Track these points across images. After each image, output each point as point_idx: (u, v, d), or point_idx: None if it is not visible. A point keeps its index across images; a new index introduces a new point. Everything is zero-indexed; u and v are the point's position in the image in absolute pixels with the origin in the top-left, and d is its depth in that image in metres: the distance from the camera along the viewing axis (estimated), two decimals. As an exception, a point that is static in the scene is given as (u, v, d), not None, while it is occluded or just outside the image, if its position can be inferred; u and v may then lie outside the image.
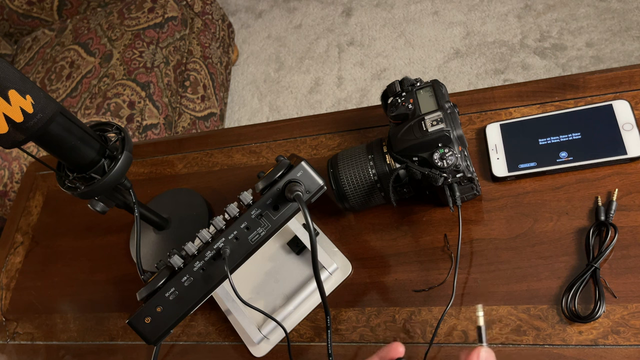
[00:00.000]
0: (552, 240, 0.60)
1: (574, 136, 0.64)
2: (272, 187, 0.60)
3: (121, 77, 1.50)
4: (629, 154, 0.60)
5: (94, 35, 1.65)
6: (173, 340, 0.72)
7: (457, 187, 0.60)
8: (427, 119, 0.59)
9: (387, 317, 0.63)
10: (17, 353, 0.81)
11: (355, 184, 0.64)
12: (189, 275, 0.60)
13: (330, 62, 1.95)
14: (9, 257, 0.91)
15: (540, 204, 0.63)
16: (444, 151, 0.58)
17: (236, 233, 0.60)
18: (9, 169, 1.39)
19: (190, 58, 1.71)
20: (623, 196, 0.60)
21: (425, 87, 0.63)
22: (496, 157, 0.66)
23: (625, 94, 0.66)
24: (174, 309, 0.60)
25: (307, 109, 1.88)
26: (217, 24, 1.90)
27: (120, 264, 0.81)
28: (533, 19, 1.71)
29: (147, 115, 1.47)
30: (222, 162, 0.85)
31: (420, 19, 1.90)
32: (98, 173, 0.60)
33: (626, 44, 1.56)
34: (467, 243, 0.64)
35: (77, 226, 0.89)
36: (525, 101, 0.70)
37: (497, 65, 1.68)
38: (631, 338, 0.53)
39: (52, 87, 1.59)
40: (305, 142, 0.81)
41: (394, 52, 1.87)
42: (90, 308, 0.80)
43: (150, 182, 0.88)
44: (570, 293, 0.56)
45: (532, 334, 0.57)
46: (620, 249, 0.57)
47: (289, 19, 2.13)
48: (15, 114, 0.49)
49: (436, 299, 0.62)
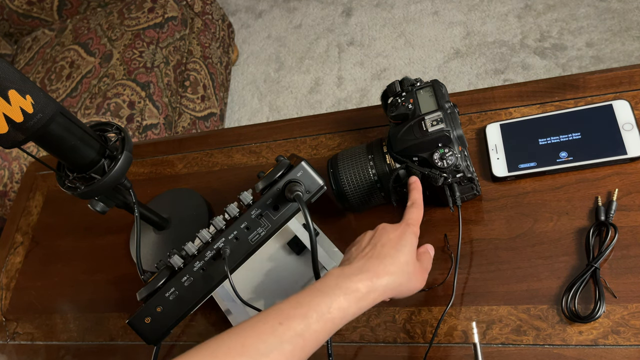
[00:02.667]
0: (552, 240, 0.60)
1: (574, 136, 0.64)
2: (272, 187, 0.60)
3: (121, 77, 1.50)
4: (629, 154, 0.60)
5: (94, 35, 1.65)
6: (173, 340, 0.72)
7: (457, 187, 0.60)
8: (427, 119, 0.59)
9: (387, 317, 0.63)
10: (17, 353, 0.81)
11: (355, 184, 0.64)
12: (189, 275, 0.60)
13: (330, 62, 1.95)
14: (9, 257, 0.91)
15: (540, 204, 0.63)
16: (444, 151, 0.58)
17: (236, 233, 0.60)
18: (9, 169, 1.39)
19: (190, 58, 1.71)
20: (623, 196, 0.60)
21: (425, 87, 0.63)
22: (496, 157, 0.66)
23: (625, 94, 0.66)
24: (174, 309, 0.60)
25: (307, 109, 1.88)
26: (217, 24, 1.90)
27: (120, 264, 0.81)
28: (533, 19, 1.71)
29: (147, 115, 1.47)
30: (222, 162, 0.85)
31: (420, 19, 1.90)
32: (98, 173, 0.60)
33: (626, 44, 1.56)
34: (467, 243, 0.64)
35: (77, 226, 0.89)
36: (525, 101, 0.70)
37: (497, 65, 1.68)
38: (631, 338, 0.53)
39: (52, 87, 1.59)
40: (305, 142, 0.81)
41: (394, 52, 1.87)
42: (90, 308, 0.80)
43: (150, 182, 0.88)
44: (570, 293, 0.56)
45: (532, 334, 0.57)
46: (620, 249, 0.57)
47: (289, 19, 2.13)
48: (15, 114, 0.49)
49: (436, 299, 0.62)
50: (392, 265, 0.50)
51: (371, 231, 0.56)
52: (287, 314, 0.45)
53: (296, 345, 0.43)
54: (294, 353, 0.43)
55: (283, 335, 0.43)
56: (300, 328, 0.44)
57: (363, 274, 0.49)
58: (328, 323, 0.45)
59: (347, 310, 0.47)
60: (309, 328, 0.44)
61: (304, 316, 0.44)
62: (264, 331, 0.43)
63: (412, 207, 0.57)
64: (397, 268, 0.51)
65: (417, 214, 0.57)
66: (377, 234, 0.55)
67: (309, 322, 0.44)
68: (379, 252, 0.52)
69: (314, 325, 0.44)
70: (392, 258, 0.51)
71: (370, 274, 0.49)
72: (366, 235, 0.56)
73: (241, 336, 0.43)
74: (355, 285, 0.48)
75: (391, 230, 0.54)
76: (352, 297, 0.47)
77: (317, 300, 0.46)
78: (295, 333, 0.43)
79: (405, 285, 0.52)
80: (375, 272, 0.49)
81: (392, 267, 0.50)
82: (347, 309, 0.47)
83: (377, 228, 0.56)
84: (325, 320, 0.45)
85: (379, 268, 0.50)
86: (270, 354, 0.42)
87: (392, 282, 0.50)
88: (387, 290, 0.50)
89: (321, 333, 0.45)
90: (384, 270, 0.50)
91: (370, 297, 0.48)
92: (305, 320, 0.44)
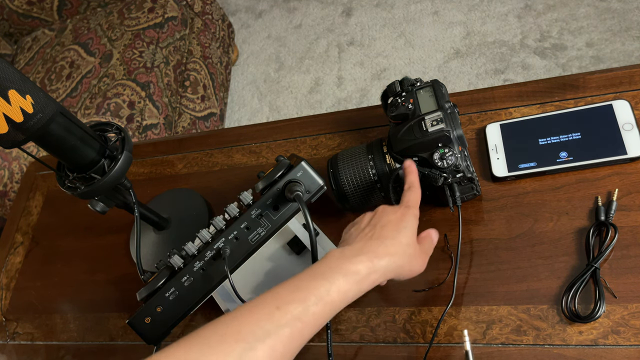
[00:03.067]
0: (552, 240, 0.60)
1: (574, 136, 0.64)
2: (272, 187, 0.60)
3: (121, 77, 1.50)
4: (629, 154, 0.60)
5: (94, 35, 1.65)
6: (173, 340, 0.72)
7: (457, 187, 0.60)
8: (427, 119, 0.59)
9: (387, 317, 0.63)
10: (17, 353, 0.81)
11: (355, 184, 0.64)
12: (189, 275, 0.60)
13: (330, 62, 1.95)
14: (9, 257, 0.91)
15: (540, 204, 0.63)
16: (444, 151, 0.58)
17: (236, 233, 0.60)
18: (9, 169, 1.39)
19: (190, 58, 1.71)
20: (623, 196, 0.60)
21: (425, 87, 0.63)
22: (496, 157, 0.66)
23: (625, 94, 0.66)
24: (174, 309, 0.60)
25: (307, 109, 1.88)
26: (217, 24, 1.90)
27: (120, 264, 0.81)
28: (533, 19, 1.71)
29: (147, 115, 1.47)
30: (222, 162, 0.85)
31: (420, 19, 1.90)
32: (98, 173, 0.60)
33: (626, 44, 1.56)
34: (467, 243, 0.64)
35: (77, 226, 0.89)
36: (525, 101, 0.70)
37: (497, 65, 1.68)
38: (631, 338, 0.53)
39: (52, 87, 1.59)
40: (305, 142, 0.81)
41: (394, 52, 1.87)
42: (90, 308, 0.80)
43: (150, 182, 0.88)
44: (570, 293, 0.56)
45: (532, 334, 0.57)
46: (620, 249, 0.57)
47: (289, 19, 2.13)
48: (15, 114, 0.49)
49: (436, 299, 0.62)
50: (393, 246, 0.50)
51: (370, 212, 0.56)
52: (284, 299, 0.44)
53: (294, 328, 0.42)
54: (293, 337, 0.42)
55: (280, 319, 0.42)
56: (298, 312, 0.43)
57: (363, 255, 0.48)
58: (327, 306, 0.44)
59: (347, 292, 0.46)
60: (307, 311, 0.43)
61: (303, 300, 0.43)
62: (260, 316, 0.42)
63: (409, 190, 0.57)
64: (398, 249, 0.50)
65: (415, 196, 0.56)
66: (377, 215, 0.54)
67: (307, 306, 0.43)
68: (379, 233, 0.51)
69: (312, 308, 0.43)
70: (393, 239, 0.50)
71: (370, 255, 0.48)
72: (365, 217, 0.55)
73: (237, 321, 0.42)
74: (356, 267, 0.47)
75: (391, 212, 0.54)
76: (352, 279, 0.46)
77: (315, 283, 0.45)
78: (293, 317, 0.42)
79: (406, 267, 0.51)
80: (375, 252, 0.49)
81: (393, 248, 0.50)
82: (347, 292, 0.46)
83: (377, 210, 0.55)
84: (325, 302, 0.44)
85: (380, 249, 0.49)
86: (267, 339, 0.41)
87: (392, 264, 0.49)
88: (388, 271, 0.49)
89: (320, 316, 0.44)
90: (384, 251, 0.49)
91: (370, 279, 0.47)
92: (303, 304, 0.43)
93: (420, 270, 0.53)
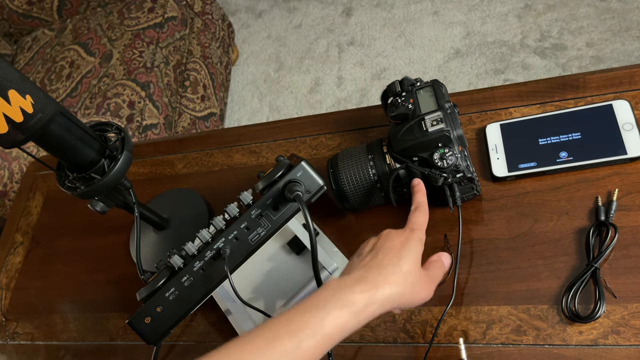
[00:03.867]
0: (552, 240, 0.60)
1: (574, 136, 0.64)
2: (272, 187, 0.60)
3: (121, 77, 1.50)
4: (629, 154, 0.60)
5: (94, 35, 1.65)
6: (173, 340, 0.72)
7: (457, 187, 0.60)
8: (427, 119, 0.59)
9: (387, 317, 0.63)
10: (17, 353, 0.81)
11: (355, 184, 0.64)
12: (189, 275, 0.60)
13: (330, 62, 1.95)
14: (9, 257, 0.91)
15: (540, 204, 0.63)
16: (444, 151, 0.58)
17: (236, 233, 0.60)
18: (9, 169, 1.39)
19: (190, 58, 1.71)
20: (623, 196, 0.60)
21: (425, 87, 0.63)
22: (496, 157, 0.66)
23: (625, 94, 0.66)
24: (174, 309, 0.60)
25: (307, 109, 1.88)
26: (217, 24, 1.90)
27: (120, 264, 0.81)
28: (533, 19, 1.71)
29: (147, 115, 1.47)
30: (222, 162, 0.85)
31: (420, 19, 1.90)
32: (98, 173, 0.60)
33: (626, 44, 1.56)
34: (467, 243, 0.64)
35: (77, 226, 0.89)
36: (525, 101, 0.70)
37: (497, 65, 1.68)
38: (631, 338, 0.53)
39: (52, 87, 1.59)
40: (305, 142, 0.81)
41: (394, 52, 1.87)
42: (90, 308, 0.80)
43: (150, 182, 0.88)
44: (570, 293, 0.56)
45: (532, 334, 0.57)
46: (620, 249, 0.57)
47: (289, 19, 2.13)
48: (15, 114, 0.49)
49: (436, 299, 0.62)
50: (394, 274, 0.47)
51: (375, 238, 0.53)
52: (277, 332, 0.42)
53: None
54: None
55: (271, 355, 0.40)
56: (291, 346, 0.41)
57: (361, 285, 0.46)
58: (325, 338, 0.42)
59: (343, 325, 0.43)
60: (300, 347, 0.41)
61: (295, 334, 0.42)
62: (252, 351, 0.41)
63: (416, 211, 0.55)
64: (399, 278, 0.47)
65: (422, 218, 0.54)
66: (380, 241, 0.52)
67: (300, 340, 0.41)
68: (379, 261, 0.49)
69: (306, 342, 0.42)
70: (394, 267, 0.48)
71: (368, 285, 0.46)
72: (369, 243, 0.53)
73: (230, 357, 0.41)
74: (352, 298, 0.45)
75: (395, 237, 0.51)
76: (348, 310, 0.44)
77: (309, 315, 0.43)
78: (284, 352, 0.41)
79: (408, 296, 0.48)
80: (374, 283, 0.46)
81: (393, 277, 0.47)
82: (344, 324, 0.44)
83: (381, 234, 0.53)
84: (321, 335, 0.42)
85: (378, 279, 0.47)
86: None
87: (393, 294, 0.46)
88: (388, 302, 0.46)
89: (316, 350, 0.42)
90: (383, 281, 0.47)
91: (368, 310, 0.45)
92: (295, 339, 0.41)
93: (426, 298, 0.50)
